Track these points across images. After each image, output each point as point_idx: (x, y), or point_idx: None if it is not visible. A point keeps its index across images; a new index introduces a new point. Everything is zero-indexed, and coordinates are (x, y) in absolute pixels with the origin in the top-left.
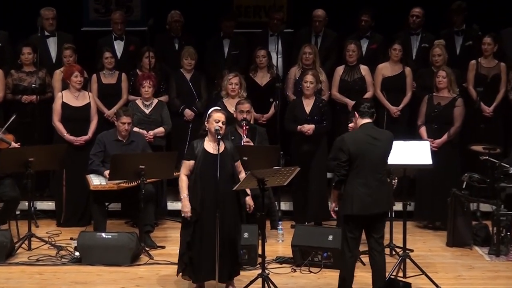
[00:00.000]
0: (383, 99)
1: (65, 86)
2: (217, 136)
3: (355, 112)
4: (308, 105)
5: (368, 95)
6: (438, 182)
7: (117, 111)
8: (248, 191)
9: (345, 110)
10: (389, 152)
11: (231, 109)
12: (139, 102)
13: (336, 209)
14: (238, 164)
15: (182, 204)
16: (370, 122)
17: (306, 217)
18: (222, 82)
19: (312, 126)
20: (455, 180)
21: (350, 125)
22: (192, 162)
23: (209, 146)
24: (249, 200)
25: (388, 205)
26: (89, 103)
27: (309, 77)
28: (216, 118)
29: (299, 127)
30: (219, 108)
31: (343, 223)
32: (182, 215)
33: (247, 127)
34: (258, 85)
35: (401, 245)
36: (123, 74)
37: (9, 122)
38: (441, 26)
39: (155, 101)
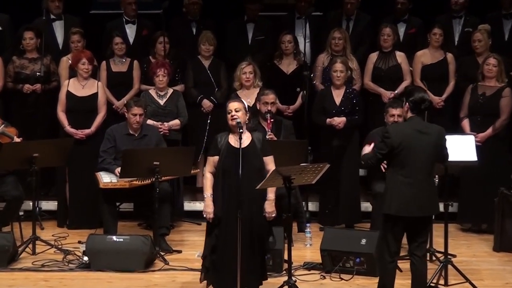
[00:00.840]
0: (425, 89)
1: (73, 74)
2: (239, 129)
3: (407, 103)
4: (338, 95)
5: (404, 84)
6: (484, 180)
7: (128, 101)
8: (271, 195)
9: (378, 101)
10: (439, 149)
11: (247, 101)
12: (152, 92)
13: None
14: (268, 159)
15: (205, 204)
16: (419, 116)
17: (337, 219)
18: (235, 73)
19: (343, 119)
20: (503, 178)
21: (391, 118)
22: (216, 157)
23: (234, 139)
24: (268, 206)
25: (434, 209)
26: (96, 93)
27: (338, 66)
28: (229, 109)
29: (328, 120)
30: (233, 99)
31: (382, 223)
32: (204, 215)
33: (271, 120)
34: (284, 74)
35: (443, 250)
36: (135, 62)
37: None
38: (487, 9)
39: (170, 91)
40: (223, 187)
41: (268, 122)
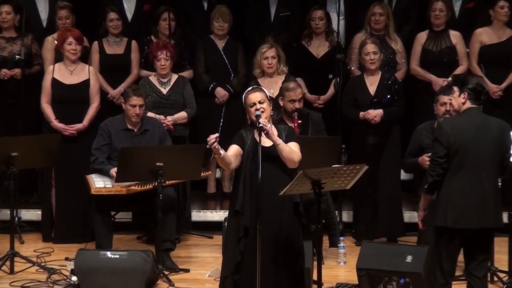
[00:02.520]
0: (481, 75)
1: (59, 58)
2: (258, 124)
3: (464, 92)
4: (372, 83)
5: (460, 70)
6: None
7: (125, 90)
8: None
9: (428, 90)
10: (504, 149)
11: (269, 90)
12: (154, 79)
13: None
14: (291, 144)
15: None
16: (478, 108)
17: (376, 232)
18: (255, 57)
19: (379, 112)
20: None
21: (443, 108)
22: (239, 149)
23: (259, 136)
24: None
25: (498, 220)
26: (88, 80)
27: (370, 47)
28: (250, 102)
29: (361, 113)
30: (252, 87)
31: (434, 238)
32: (207, 146)
33: (299, 121)
34: (313, 57)
35: (506, 269)
36: (133, 42)
37: None
38: None
39: (175, 77)
40: (253, 193)
41: (296, 124)
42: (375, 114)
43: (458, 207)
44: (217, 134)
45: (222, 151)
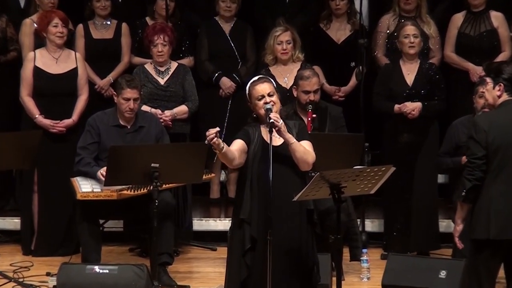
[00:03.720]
0: None
1: (39, 43)
2: (268, 119)
3: (500, 84)
4: (410, 72)
5: (502, 57)
6: None
7: (118, 81)
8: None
9: (464, 80)
10: None
11: (283, 81)
12: (149, 67)
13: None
14: (304, 143)
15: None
16: None
17: (406, 244)
18: (267, 42)
19: (417, 105)
20: None
21: (482, 101)
22: (244, 144)
23: (267, 134)
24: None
25: None
26: (76, 68)
27: (410, 28)
28: (258, 94)
29: (397, 106)
30: (258, 77)
31: (472, 252)
32: (206, 142)
33: (313, 115)
34: (333, 42)
35: None
36: (124, 25)
37: None
38: None
39: (174, 65)
40: (260, 200)
41: (309, 118)
42: (413, 107)
43: (502, 216)
44: (218, 128)
45: (224, 145)
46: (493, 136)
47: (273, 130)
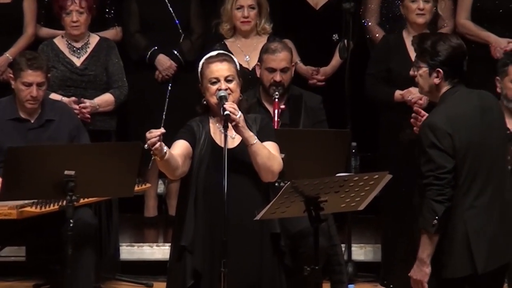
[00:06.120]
0: None
1: None
2: (222, 110)
3: (438, 70)
4: None
5: None
6: None
7: (16, 59)
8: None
9: (484, 56)
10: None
11: (244, 59)
12: (61, 42)
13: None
14: (269, 145)
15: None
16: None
17: (405, 274)
18: (223, 5)
19: None
20: None
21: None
22: (189, 147)
23: (218, 132)
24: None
25: None
26: None
27: None
28: (212, 76)
29: (398, 93)
30: (216, 52)
31: None
32: (145, 146)
33: (282, 107)
34: (309, 7)
35: None
36: None
37: None
38: None
39: (95, 40)
40: (208, 220)
41: (276, 110)
42: (419, 94)
43: (483, 240)
44: (162, 130)
45: (167, 151)
46: (459, 140)
47: (229, 125)
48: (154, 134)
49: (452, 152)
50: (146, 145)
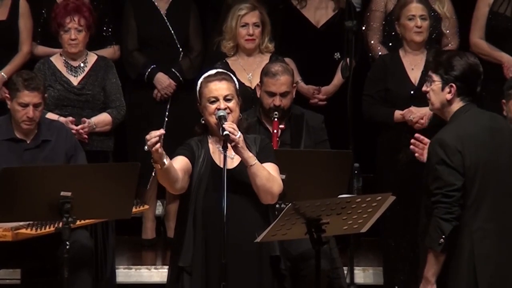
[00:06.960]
0: None
1: None
2: (222, 131)
3: (451, 84)
4: (415, 65)
5: None
6: None
7: (11, 79)
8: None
9: (495, 76)
10: None
11: (245, 77)
12: (58, 61)
13: None
14: (268, 166)
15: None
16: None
17: None
18: (226, 23)
19: (426, 111)
20: None
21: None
22: (188, 163)
23: (217, 152)
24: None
25: None
26: None
27: (416, 7)
28: (211, 95)
29: (399, 112)
30: (215, 71)
31: None
32: (146, 148)
33: (281, 126)
34: (311, 26)
35: None
36: (23, 2)
37: None
38: None
39: (93, 59)
40: (206, 241)
41: (275, 131)
42: (421, 114)
43: (490, 264)
44: (162, 131)
45: (166, 159)
46: (469, 158)
47: (228, 146)
48: (154, 134)
49: (462, 170)
50: (146, 147)
